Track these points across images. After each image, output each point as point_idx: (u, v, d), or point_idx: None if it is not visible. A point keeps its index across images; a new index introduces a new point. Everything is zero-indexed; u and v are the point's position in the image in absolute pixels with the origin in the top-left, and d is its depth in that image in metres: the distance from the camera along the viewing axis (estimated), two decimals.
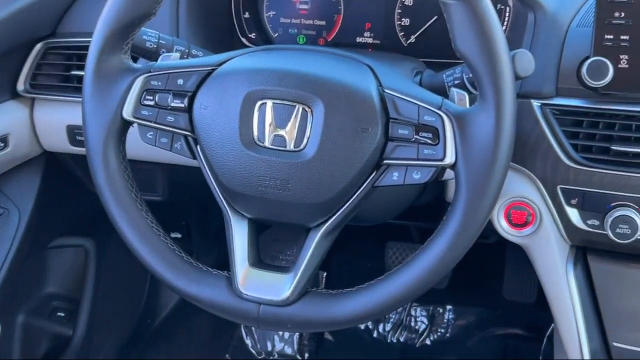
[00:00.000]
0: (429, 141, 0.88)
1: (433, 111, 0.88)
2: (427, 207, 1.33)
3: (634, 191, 1.04)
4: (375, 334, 2.09)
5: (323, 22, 1.34)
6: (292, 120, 0.91)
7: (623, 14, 1.00)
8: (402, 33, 1.29)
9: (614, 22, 1.00)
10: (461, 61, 0.88)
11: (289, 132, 0.92)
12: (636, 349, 1.17)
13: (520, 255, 1.21)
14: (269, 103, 0.92)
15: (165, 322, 2.09)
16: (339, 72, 0.92)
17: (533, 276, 1.18)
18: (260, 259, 1.00)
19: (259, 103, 0.92)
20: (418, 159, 0.89)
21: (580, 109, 1.06)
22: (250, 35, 1.38)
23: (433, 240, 0.90)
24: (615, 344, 1.18)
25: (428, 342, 2.06)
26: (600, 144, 1.05)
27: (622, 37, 1.00)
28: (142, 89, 0.96)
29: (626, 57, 1.01)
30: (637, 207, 1.04)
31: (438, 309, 2.09)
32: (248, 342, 2.10)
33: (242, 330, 2.11)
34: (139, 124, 0.97)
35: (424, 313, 2.09)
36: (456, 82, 0.99)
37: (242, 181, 0.93)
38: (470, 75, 0.92)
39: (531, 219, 1.12)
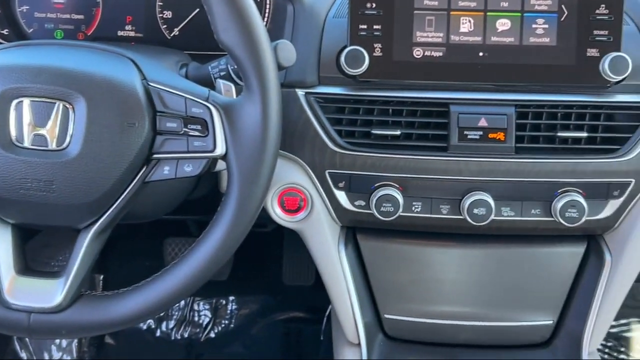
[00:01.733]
0: (198, 133, 0.91)
1: (200, 103, 0.91)
2: (203, 199, 1.35)
3: (394, 171, 1.14)
4: (158, 333, 2.08)
5: (81, 16, 1.31)
6: (52, 118, 0.89)
7: (374, 5, 1.09)
8: (165, 26, 1.30)
9: (366, 12, 1.09)
10: (226, 53, 0.92)
11: (50, 131, 0.89)
12: (405, 319, 1.29)
13: (296, 240, 1.28)
14: (26, 101, 0.89)
15: None
16: (100, 66, 0.92)
17: (310, 260, 1.26)
18: (28, 266, 0.96)
19: (15, 102, 0.89)
20: (188, 152, 0.91)
21: (342, 96, 1.13)
22: (3, 32, 1.31)
23: (208, 231, 0.92)
24: (386, 316, 1.30)
25: (213, 334, 2.09)
26: (362, 129, 1.14)
27: (375, 27, 1.10)
28: None
29: (380, 45, 1.10)
30: (398, 186, 1.15)
31: (221, 300, 2.13)
32: (23, 355, 1.99)
33: (15, 342, 2.00)
34: None
35: (207, 306, 2.12)
36: (222, 73, 1.02)
37: (1, 185, 0.89)
38: (235, 66, 0.96)
39: (303, 204, 1.19)
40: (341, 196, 1.17)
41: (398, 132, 1.12)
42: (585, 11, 1.08)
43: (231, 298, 2.13)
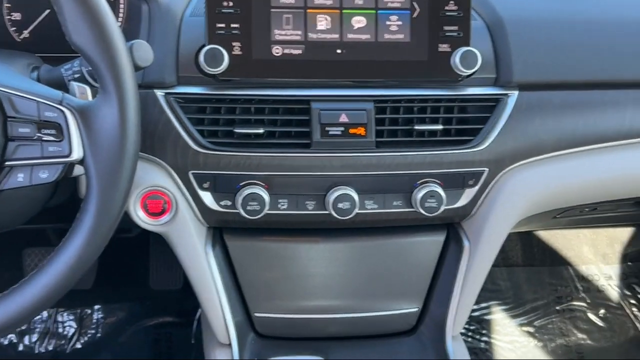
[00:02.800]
0: (53, 138, 0.88)
1: (54, 106, 0.88)
2: (62, 206, 1.32)
3: (258, 170, 1.15)
4: (21, 347, 2.01)
5: None
6: None
7: (231, 4, 1.10)
8: (14, 28, 1.25)
9: (224, 11, 1.10)
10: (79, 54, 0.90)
11: None
12: (275, 316, 1.32)
13: (163, 243, 1.27)
14: None
15: None
16: None
17: (177, 263, 1.25)
18: None
19: None
20: (43, 157, 0.89)
21: (202, 96, 1.14)
22: None
23: (68, 239, 0.90)
24: (256, 314, 1.32)
25: (79, 345, 2.03)
26: (224, 128, 1.14)
27: (232, 25, 1.10)
28: None
29: (239, 44, 1.11)
30: (263, 185, 1.17)
31: (86, 310, 2.07)
32: None
33: None
34: None
35: (72, 317, 2.06)
36: (76, 75, 1.00)
37: None
38: (90, 68, 0.94)
39: (167, 206, 1.18)
40: (206, 197, 1.18)
41: (261, 131, 1.14)
42: (435, 8, 1.14)
43: (97, 307, 2.08)
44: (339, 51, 1.13)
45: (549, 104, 1.23)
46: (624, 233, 2.48)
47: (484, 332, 2.28)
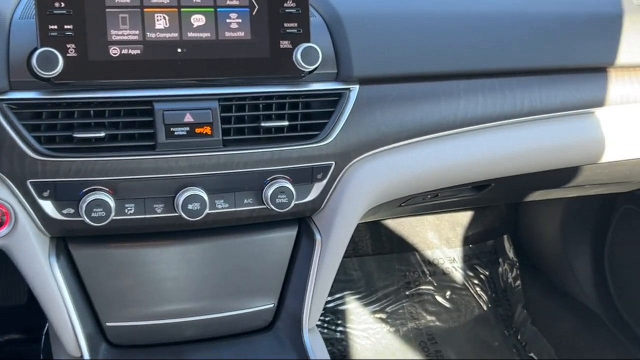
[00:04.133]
0: None
1: None
2: None
3: (102, 175, 1.12)
4: None
5: None
6: None
7: (63, 4, 1.06)
8: None
9: (55, 12, 1.06)
10: None
11: None
12: (128, 324, 1.29)
13: (3, 257, 1.21)
14: None
15: None
16: None
17: (20, 277, 1.20)
18: None
19: None
20: None
21: (37, 101, 1.09)
22: None
23: None
24: (108, 324, 1.29)
25: None
26: (63, 134, 1.11)
27: (66, 26, 1.06)
28: None
29: (73, 45, 1.07)
30: (108, 190, 1.14)
31: None
32: None
33: None
34: None
35: None
36: None
37: None
38: None
39: (6, 218, 1.13)
40: (47, 206, 1.14)
41: (102, 134, 1.11)
42: (274, 5, 1.16)
43: None
44: (179, 50, 1.13)
45: (388, 97, 1.29)
46: (465, 217, 2.63)
47: (339, 322, 2.35)
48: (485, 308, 2.54)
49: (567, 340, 2.38)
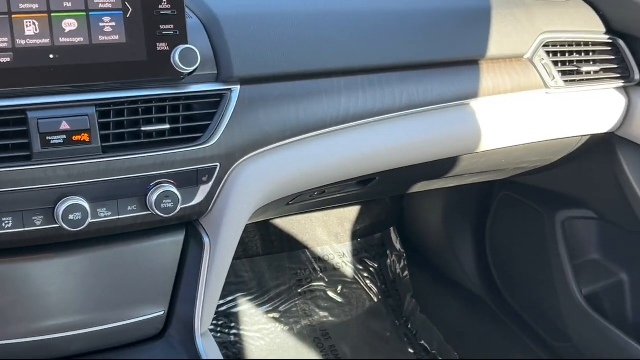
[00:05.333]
0: None
1: None
2: None
3: None
4: None
5: None
6: None
7: None
8: None
9: None
10: None
11: None
12: (10, 342, 1.24)
13: None
14: None
15: None
16: None
17: None
18: None
19: None
20: None
21: None
22: None
23: None
24: None
25: None
26: None
27: None
28: None
29: None
30: None
31: None
32: None
33: None
34: None
35: None
36: None
37: None
38: None
39: None
40: None
41: None
42: (149, 7, 1.15)
43: None
44: (52, 56, 1.10)
45: (271, 96, 1.30)
46: (352, 212, 2.68)
47: (232, 325, 2.34)
48: (375, 300, 2.60)
49: (455, 325, 2.47)
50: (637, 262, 2.00)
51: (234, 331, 2.34)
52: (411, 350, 2.49)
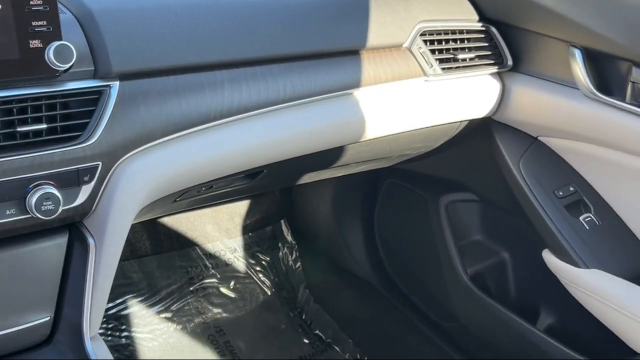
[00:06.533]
0: None
1: None
2: None
3: None
4: None
5: None
6: None
7: None
8: None
9: None
10: None
11: None
12: None
13: None
14: None
15: None
16: None
17: None
18: None
19: None
20: None
21: None
22: None
23: None
24: None
25: None
26: None
27: None
28: None
29: None
30: None
31: None
32: None
33: None
34: None
35: None
36: None
37: None
38: None
39: None
40: None
41: None
42: (19, 3, 1.11)
43: None
44: None
45: (152, 91, 1.29)
46: (242, 206, 2.69)
47: (123, 327, 2.30)
48: (269, 293, 2.62)
49: (348, 313, 2.52)
50: (517, 241, 2.10)
51: (125, 333, 2.29)
52: (306, 341, 2.52)
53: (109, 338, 2.25)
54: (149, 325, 2.36)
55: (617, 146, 1.65)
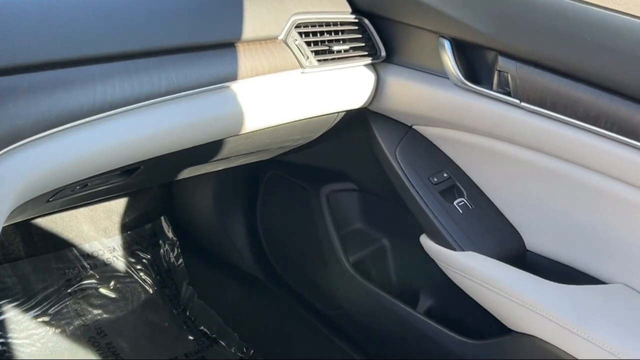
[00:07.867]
0: None
1: None
2: None
3: None
4: None
5: None
6: None
7: None
8: None
9: None
10: None
11: None
12: None
13: None
14: None
15: None
16: None
17: None
18: None
19: None
20: None
21: None
22: None
23: None
24: None
25: None
26: None
27: None
28: None
29: None
30: None
31: None
32: None
33: None
34: None
35: None
36: None
37: None
38: None
39: None
40: None
41: None
42: None
43: None
44: None
45: (19, 88, 1.25)
46: (120, 204, 2.64)
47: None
48: (151, 291, 2.59)
49: (233, 308, 2.53)
50: (396, 227, 2.17)
51: (0, 340, 2.21)
52: (191, 337, 2.51)
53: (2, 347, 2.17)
54: (26, 331, 2.28)
55: (486, 132, 1.73)
